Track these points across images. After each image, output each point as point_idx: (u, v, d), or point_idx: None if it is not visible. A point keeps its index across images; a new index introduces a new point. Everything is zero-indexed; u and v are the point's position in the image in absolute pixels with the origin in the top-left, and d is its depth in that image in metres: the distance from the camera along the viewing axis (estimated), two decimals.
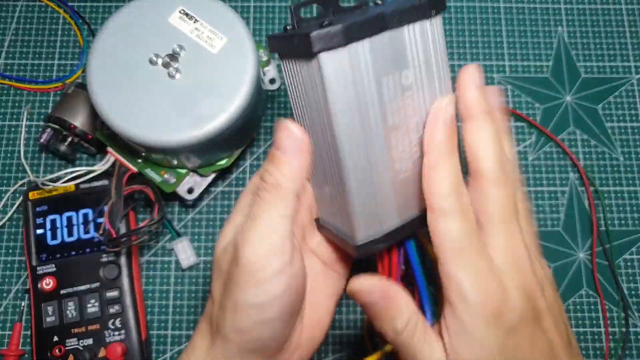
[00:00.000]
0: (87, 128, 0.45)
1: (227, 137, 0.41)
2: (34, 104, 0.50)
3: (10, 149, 0.49)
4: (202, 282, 0.46)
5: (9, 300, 0.45)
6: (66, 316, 0.43)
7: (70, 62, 0.51)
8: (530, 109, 0.50)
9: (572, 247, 0.47)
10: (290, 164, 0.28)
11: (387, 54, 0.27)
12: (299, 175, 0.28)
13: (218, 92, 0.40)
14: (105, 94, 0.40)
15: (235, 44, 0.41)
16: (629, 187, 0.48)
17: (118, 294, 0.43)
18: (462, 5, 0.53)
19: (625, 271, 0.46)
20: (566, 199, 0.48)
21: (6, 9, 0.52)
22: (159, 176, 0.44)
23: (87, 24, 0.52)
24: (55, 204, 0.45)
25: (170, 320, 0.45)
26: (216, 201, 0.48)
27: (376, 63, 0.26)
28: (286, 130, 0.28)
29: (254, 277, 0.28)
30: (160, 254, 0.47)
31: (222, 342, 0.30)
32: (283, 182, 0.28)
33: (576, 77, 0.51)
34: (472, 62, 0.51)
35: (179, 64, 0.40)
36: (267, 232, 0.28)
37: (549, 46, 0.52)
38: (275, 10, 0.53)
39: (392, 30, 0.26)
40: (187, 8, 0.41)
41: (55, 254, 0.44)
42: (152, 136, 0.39)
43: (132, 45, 0.41)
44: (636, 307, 0.46)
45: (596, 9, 0.53)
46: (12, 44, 0.51)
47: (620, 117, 0.50)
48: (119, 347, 0.42)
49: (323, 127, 0.27)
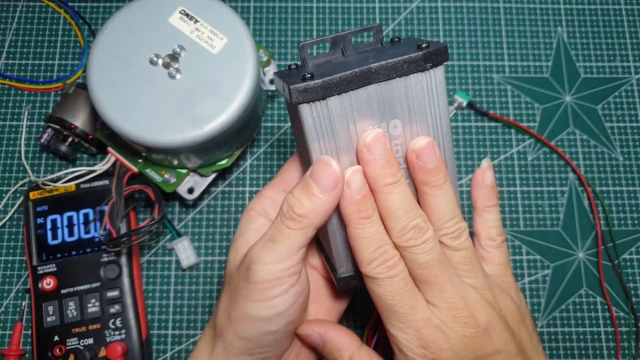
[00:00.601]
0: (87, 128, 0.45)
1: (227, 137, 0.41)
2: (34, 104, 0.50)
3: (11, 149, 0.49)
4: (203, 281, 0.46)
5: (10, 300, 0.46)
6: (67, 316, 0.43)
7: (71, 63, 0.51)
8: (530, 109, 0.50)
9: (572, 247, 0.47)
10: (323, 202, 0.28)
11: (374, 105, 0.27)
12: (328, 213, 0.28)
13: (218, 93, 0.40)
14: (106, 94, 0.40)
15: (235, 44, 0.41)
16: (629, 187, 0.49)
17: (118, 294, 0.43)
18: (462, 6, 0.53)
19: (625, 271, 0.47)
20: (566, 198, 0.48)
21: (7, 10, 0.53)
22: (159, 176, 0.44)
23: (88, 24, 0.52)
24: (56, 203, 0.45)
25: (170, 319, 0.45)
26: (216, 201, 0.48)
27: (360, 113, 0.27)
28: (328, 167, 0.27)
29: (264, 295, 0.29)
30: (160, 254, 0.47)
31: (224, 346, 0.31)
32: (311, 217, 0.28)
33: (576, 77, 0.51)
34: (472, 62, 0.52)
35: (179, 64, 0.41)
36: (284, 258, 0.28)
37: (549, 46, 0.52)
38: (275, 11, 0.53)
39: (378, 83, 0.27)
40: (188, 8, 0.42)
41: (56, 253, 0.44)
42: (153, 136, 0.39)
43: (132, 45, 0.41)
44: (636, 307, 0.46)
45: (595, 9, 0.53)
46: (13, 44, 0.52)
47: (620, 117, 0.50)
48: (120, 347, 0.42)
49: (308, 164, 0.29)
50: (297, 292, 0.30)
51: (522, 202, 0.48)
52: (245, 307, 0.29)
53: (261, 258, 0.29)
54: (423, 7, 0.53)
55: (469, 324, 0.28)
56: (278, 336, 0.30)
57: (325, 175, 0.27)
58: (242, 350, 0.30)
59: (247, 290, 0.29)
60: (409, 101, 0.27)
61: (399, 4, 0.53)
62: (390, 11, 0.53)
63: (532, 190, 0.48)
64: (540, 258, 0.47)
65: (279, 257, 0.28)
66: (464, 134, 0.50)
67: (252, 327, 0.30)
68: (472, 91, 0.51)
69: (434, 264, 0.28)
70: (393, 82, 0.27)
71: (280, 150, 0.50)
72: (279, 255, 0.28)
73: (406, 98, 0.27)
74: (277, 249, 0.28)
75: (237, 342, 0.30)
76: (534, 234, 0.47)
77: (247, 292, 0.29)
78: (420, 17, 0.53)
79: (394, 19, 0.53)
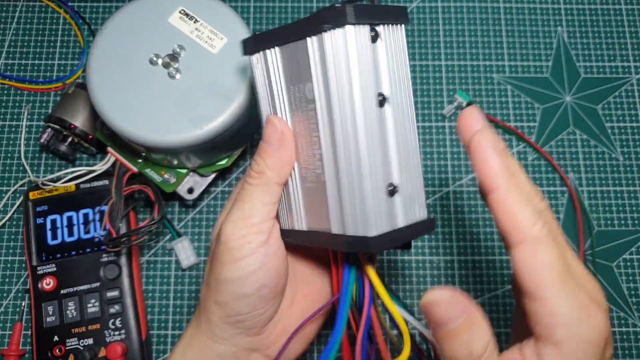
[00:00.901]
0: (87, 128, 0.45)
1: (227, 137, 0.41)
2: (34, 104, 0.50)
3: (11, 149, 0.49)
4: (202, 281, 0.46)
5: (10, 300, 0.46)
6: (66, 316, 0.43)
7: (71, 62, 0.51)
8: (530, 109, 0.50)
9: (571, 246, 0.47)
10: (273, 156, 0.29)
11: (294, 64, 0.27)
12: (280, 166, 0.30)
13: (218, 93, 0.40)
14: (106, 94, 0.40)
15: (235, 44, 0.41)
16: (629, 187, 0.49)
17: (118, 294, 0.43)
18: (462, 6, 0.53)
19: (625, 271, 0.46)
20: (566, 198, 0.48)
21: (7, 9, 0.52)
22: (159, 176, 0.44)
23: (88, 24, 0.52)
24: (56, 203, 0.45)
25: (170, 320, 0.45)
26: (216, 201, 0.48)
27: (285, 70, 0.28)
28: (271, 124, 0.30)
29: (234, 255, 0.30)
30: (160, 254, 0.47)
31: (207, 317, 0.32)
32: (267, 172, 0.30)
33: (576, 77, 0.51)
34: (472, 62, 0.52)
35: (179, 64, 0.41)
36: (248, 214, 0.30)
37: (549, 46, 0.52)
38: (275, 11, 0.53)
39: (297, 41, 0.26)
40: (187, 8, 0.42)
41: (56, 253, 0.44)
42: (153, 136, 0.39)
43: (132, 45, 0.41)
44: (636, 307, 0.46)
45: (596, 9, 0.53)
46: (13, 44, 0.52)
47: (620, 117, 0.50)
48: (119, 347, 0.42)
49: None
50: (266, 254, 0.30)
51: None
52: (219, 271, 0.30)
53: (229, 217, 0.30)
54: (423, 7, 0.53)
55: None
56: (252, 300, 0.30)
57: (271, 133, 0.29)
58: (221, 318, 0.31)
59: (219, 254, 0.30)
60: (319, 64, 0.26)
61: (399, 3, 0.53)
62: None
63: None
64: None
65: (244, 214, 0.30)
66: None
67: (225, 290, 0.30)
68: (472, 91, 0.51)
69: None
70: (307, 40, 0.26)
71: None
72: (243, 211, 0.30)
73: (316, 60, 0.26)
74: (242, 206, 0.30)
75: (215, 309, 0.31)
76: None
77: (219, 256, 0.30)
78: (420, 17, 0.53)
79: None
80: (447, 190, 0.49)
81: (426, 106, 0.50)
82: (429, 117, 0.50)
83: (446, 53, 0.52)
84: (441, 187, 0.49)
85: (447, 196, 0.48)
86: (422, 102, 0.50)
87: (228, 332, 0.31)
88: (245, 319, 0.31)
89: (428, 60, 0.52)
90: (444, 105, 0.50)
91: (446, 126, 0.50)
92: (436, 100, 0.51)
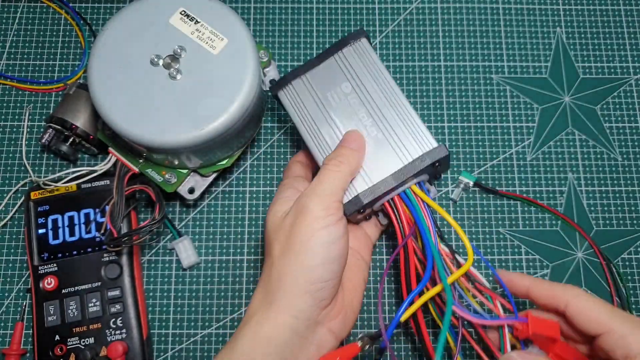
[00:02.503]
0: (88, 128, 0.45)
1: (228, 137, 0.41)
2: (35, 105, 0.50)
3: (12, 149, 0.49)
4: (203, 281, 0.46)
5: (11, 300, 0.46)
6: (68, 315, 0.43)
7: (72, 63, 0.51)
8: (529, 109, 0.51)
9: (571, 247, 0.47)
10: (354, 155, 0.38)
11: (326, 76, 0.42)
12: (357, 163, 0.38)
13: (219, 93, 0.40)
14: (107, 94, 0.40)
15: (235, 45, 0.41)
16: (627, 187, 0.49)
17: (119, 293, 0.43)
18: (461, 6, 0.53)
19: (624, 271, 0.47)
20: (565, 198, 0.48)
21: (8, 10, 0.53)
22: (160, 176, 0.44)
23: (89, 24, 0.52)
24: (57, 203, 0.45)
25: (171, 319, 0.46)
26: (217, 201, 0.48)
27: (318, 85, 0.41)
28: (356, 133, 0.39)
29: (322, 222, 0.35)
30: (161, 254, 0.47)
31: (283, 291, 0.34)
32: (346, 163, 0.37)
33: (574, 77, 0.52)
34: (471, 62, 0.52)
35: (180, 64, 0.41)
36: (329, 192, 0.36)
37: (548, 47, 0.52)
38: (275, 12, 0.53)
39: (324, 61, 0.42)
40: (188, 9, 0.42)
41: (57, 253, 0.44)
42: (153, 137, 0.39)
43: (133, 46, 0.41)
44: (635, 307, 0.46)
45: (594, 10, 0.53)
46: (14, 44, 0.52)
47: (619, 118, 0.50)
48: (120, 346, 0.42)
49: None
50: (345, 225, 0.36)
51: (521, 201, 0.48)
52: (308, 237, 0.34)
53: (314, 192, 0.36)
54: (423, 8, 0.53)
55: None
56: (334, 267, 0.35)
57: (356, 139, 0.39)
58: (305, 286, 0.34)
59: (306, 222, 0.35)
60: (349, 67, 0.41)
61: (398, 4, 0.53)
62: (389, 12, 0.53)
63: (531, 190, 0.48)
64: (540, 258, 0.47)
65: (324, 192, 0.36)
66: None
67: (317, 254, 0.34)
68: (472, 91, 0.51)
69: None
70: (332, 58, 0.42)
71: (281, 151, 0.50)
72: (324, 190, 0.36)
73: (346, 65, 0.42)
74: (323, 186, 0.36)
75: (300, 276, 0.34)
76: (533, 234, 0.47)
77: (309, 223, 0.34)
78: (420, 17, 0.53)
79: (394, 20, 0.53)
80: (446, 190, 0.49)
81: (426, 106, 0.51)
82: (429, 118, 0.50)
83: (445, 54, 0.52)
84: (441, 187, 0.49)
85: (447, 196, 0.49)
86: (422, 102, 0.51)
87: (307, 303, 0.34)
88: (324, 287, 0.35)
89: (427, 61, 0.52)
90: (443, 108, 0.51)
91: (445, 126, 0.50)
92: (435, 101, 0.51)
